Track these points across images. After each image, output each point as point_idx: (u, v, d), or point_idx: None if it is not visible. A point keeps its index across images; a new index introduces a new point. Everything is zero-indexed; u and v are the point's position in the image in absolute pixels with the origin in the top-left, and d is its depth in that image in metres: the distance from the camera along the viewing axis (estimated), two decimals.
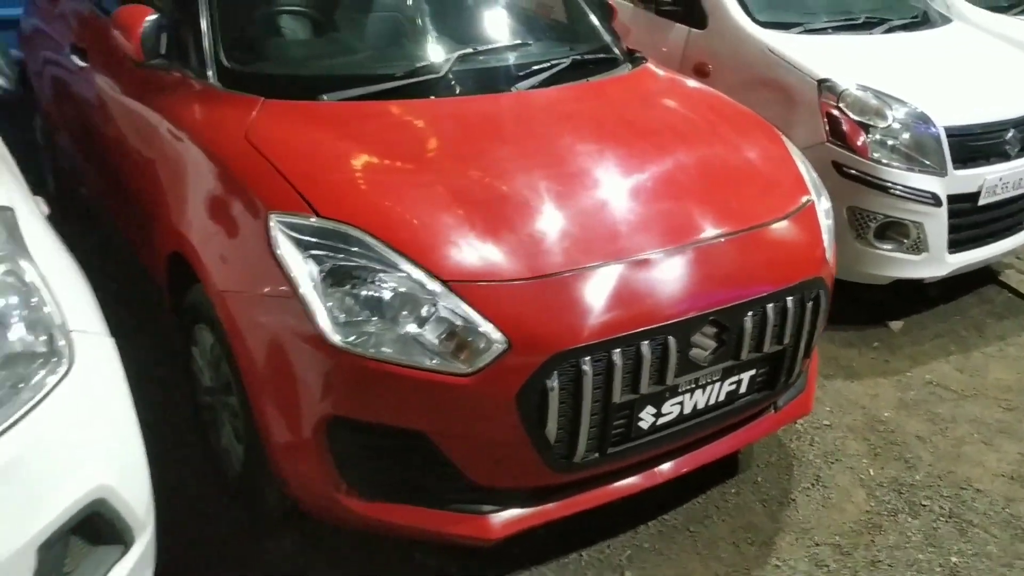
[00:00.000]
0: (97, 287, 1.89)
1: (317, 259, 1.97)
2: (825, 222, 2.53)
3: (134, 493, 1.73)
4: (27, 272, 1.70)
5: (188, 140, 2.44)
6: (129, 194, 2.92)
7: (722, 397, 2.27)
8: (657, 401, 2.13)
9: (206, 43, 2.53)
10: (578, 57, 2.91)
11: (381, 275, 1.97)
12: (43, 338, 1.65)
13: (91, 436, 1.67)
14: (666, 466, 2.31)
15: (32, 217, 1.90)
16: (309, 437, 2.02)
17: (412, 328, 1.95)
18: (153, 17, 2.56)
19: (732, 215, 2.31)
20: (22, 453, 1.53)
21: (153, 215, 2.60)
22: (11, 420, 1.53)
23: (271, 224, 2.01)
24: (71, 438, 1.63)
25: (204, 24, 2.55)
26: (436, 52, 2.72)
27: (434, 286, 1.95)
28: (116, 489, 1.67)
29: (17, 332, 1.63)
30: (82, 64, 3.20)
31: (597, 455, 2.11)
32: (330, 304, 1.95)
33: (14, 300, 1.65)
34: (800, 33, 3.92)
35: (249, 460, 2.29)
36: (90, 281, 1.89)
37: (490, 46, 2.82)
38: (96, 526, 1.68)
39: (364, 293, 1.97)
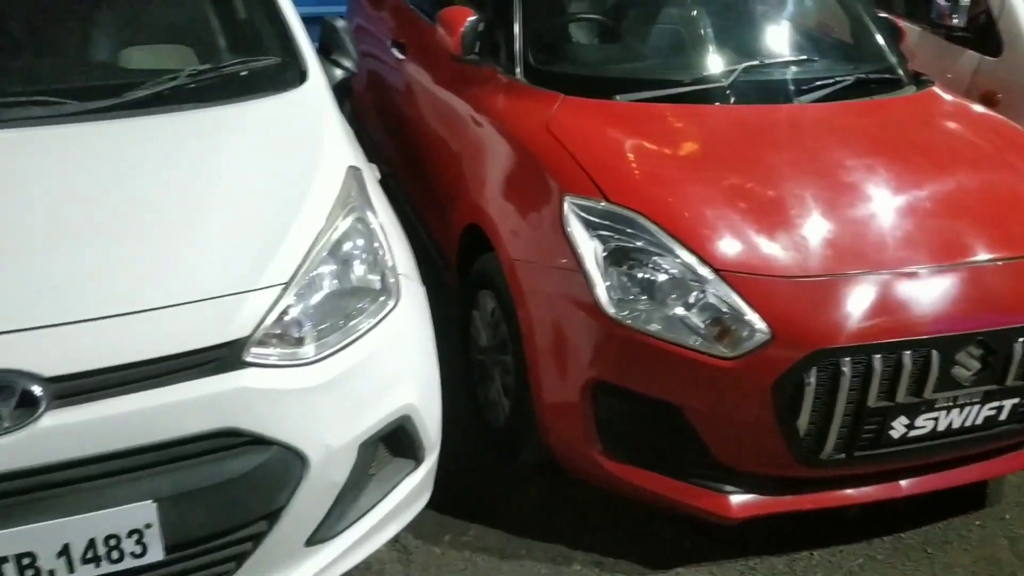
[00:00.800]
0: None
1: (602, 239, 2.20)
2: None
3: (430, 417, 2.04)
4: (371, 222, 2.05)
5: (492, 127, 2.76)
6: (429, 171, 3.31)
7: (979, 421, 2.26)
8: (911, 413, 2.17)
9: (517, 44, 2.84)
10: (862, 76, 2.96)
11: (657, 258, 2.16)
12: (378, 277, 1.99)
13: (405, 362, 1.99)
14: (910, 481, 2.34)
15: (370, 179, 2.26)
16: (575, 397, 2.25)
17: (680, 310, 2.14)
18: (473, 18, 2.92)
19: (1012, 240, 2.30)
20: (355, 366, 1.86)
21: (452, 190, 2.95)
22: (350, 340, 1.87)
23: (565, 205, 2.27)
24: (390, 361, 1.95)
25: (516, 27, 2.87)
26: (723, 62, 2.87)
27: (705, 273, 2.12)
28: (419, 409, 1.99)
29: (359, 270, 1.98)
30: (400, 56, 3.65)
31: (843, 456, 2.19)
32: (608, 280, 2.18)
33: (360, 243, 1.99)
34: None
35: (514, 414, 2.57)
36: None
37: (775, 60, 2.94)
38: (398, 439, 2.00)
39: (640, 274, 2.18)
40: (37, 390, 1.54)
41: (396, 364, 1.97)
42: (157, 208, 1.88)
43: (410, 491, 2.04)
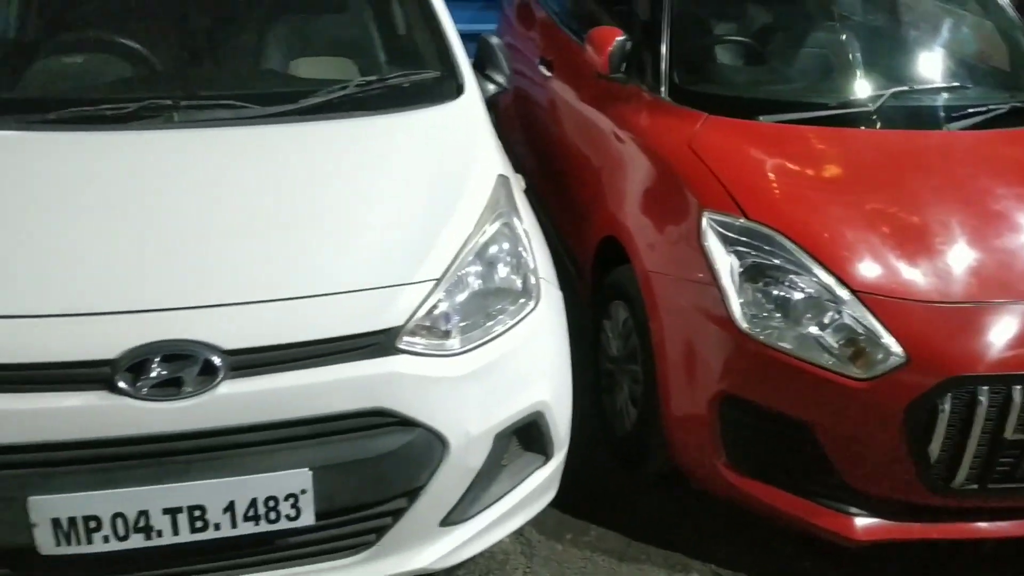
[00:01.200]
0: None
1: (739, 255, 2.26)
2: None
3: (561, 416, 2.14)
4: (517, 227, 2.17)
5: (634, 143, 2.85)
6: (568, 184, 3.42)
7: None
8: None
9: (663, 64, 2.92)
10: (1018, 104, 2.89)
11: (793, 277, 2.20)
12: (520, 280, 2.11)
13: (541, 361, 2.10)
14: None
15: (517, 188, 2.39)
16: (703, 409, 2.31)
17: (814, 329, 2.16)
18: (621, 38, 3.01)
19: None
20: (495, 361, 1.98)
21: (591, 203, 3.06)
22: (491, 336, 1.99)
23: (703, 220, 2.33)
24: (527, 359, 2.06)
25: (663, 47, 2.95)
26: (870, 87, 2.87)
27: (843, 293, 2.14)
28: (551, 407, 2.09)
29: (503, 272, 2.10)
30: (547, 74, 3.78)
31: (976, 487, 2.15)
32: (743, 296, 2.22)
33: (505, 247, 2.11)
34: None
35: (640, 422, 2.63)
36: None
37: (925, 85, 2.91)
38: (530, 434, 2.10)
39: (775, 291, 2.22)
40: (217, 360, 1.73)
41: (533, 362, 2.07)
42: (327, 204, 2.06)
43: (538, 485, 2.14)
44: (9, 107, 2.35)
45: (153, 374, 1.70)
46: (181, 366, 1.71)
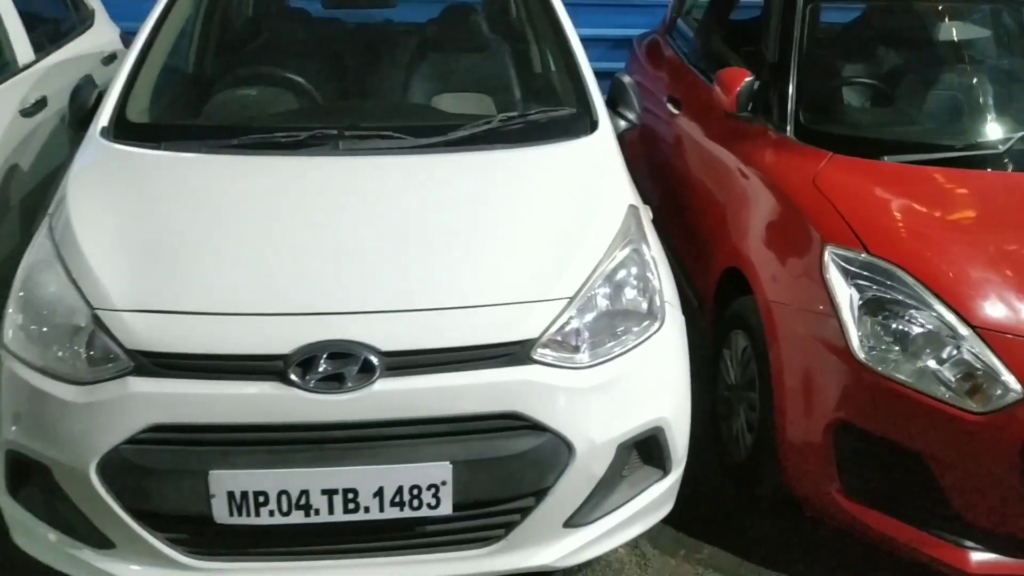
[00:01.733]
0: None
1: (859, 288, 2.34)
2: None
3: (680, 433, 2.26)
4: (645, 253, 2.33)
5: (759, 179, 2.96)
6: (691, 217, 3.55)
7: None
8: None
9: (789, 104, 3.03)
10: None
11: (913, 311, 2.27)
12: (646, 302, 2.26)
13: (663, 380, 2.24)
14: None
15: (645, 218, 2.54)
16: (818, 436, 2.39)
17: (932, 363, 2.23)
18: (749, 79, 3.14)
19: None
20: (621, 375, 2.14)
21: (713, 236, 3.18)
22: (617, 353, 2.15)
23: (825, 253, 2.43)
24: (650, 376, 2.21)
25: (790, 88, 3.06)
26: (998, 130, 2.91)
27: (963, 330, 2.20)
28: (671, 423, 2.22)
29: (630, 295, 2.25)
30: (674, 111, 3.93)
31: None
32: (862, 328, 2.31)
33: (634, 271, 2.27)
34: None
35: (756, 448, 2.72)
36: None
37: None
38: (649, 447, 2.23)
39: (894, 325, 2.29)
40: (375, 360, 1.95)
41: (655, 380, 2.22)
42: (473, 225, 2.27)
43: (655, 498, 2.26)
44: (196, 133, 2.67)
45: (320, 369, 1.93)
46: (344, 363, 1.94)
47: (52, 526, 2.09)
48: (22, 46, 3.60)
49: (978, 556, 2.25)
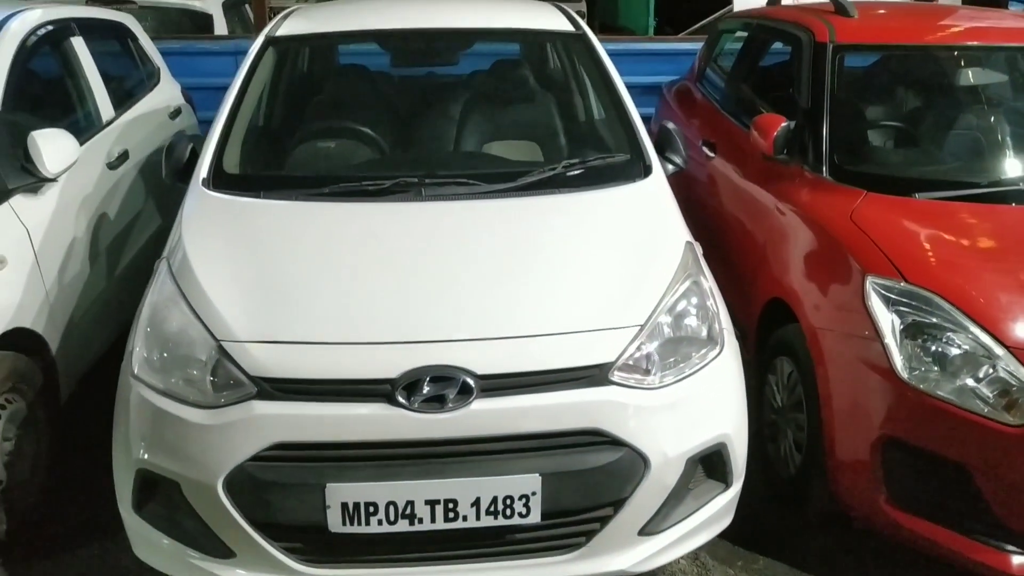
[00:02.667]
0: None
1: (900, 314, 2.57)
2: None
3: (740, 448, 2.47)
4: (704, 285, 2.56)
5: (797, 216, 3.20)
6: (729, 252, 3.78)
7: None
8: None
9: (824, 146, 3.29)
10: None
11: (950, 334, 2.49)
12: (706, 329, 2.49)
13: (724, 399, 2.46)
14: None
15: (699, 252, 2.77)
16: (866, 451, 2.60)
17: (970, 381, 2.44)
18: (784, 124, 3.40)
19: None
20: (687, 396, 2.36)
21: (755, 270, 3.41)
22: (684, 375, 2.37)
23: (867, 283, 2.65)
24: (713, 396, 2.43)
25: (824, 131, 3.31)
26: (1019, 167, 3.15)
27: (998, 349, 2.41)
28: (733, 439, 2.43)
29: (693, 322, 2.48)
30: (710, 154, 4.19)
31: None
32: (904, 350, 2.53)
33: (695, 301, 2.50)
34: None
35: (804, 467, 2.92)
36: None
37: None
38: (713, 462, 2.44)
39: (933, 347, 2.51)
40: (472, 382, 2.17)
41: (717, 399, 2.43)
42: (550, 261, 2.51)
43: (717, 510, 2.46)
44: (291, 183, 2.94)
45: (424, 391, 2.16)
46: (444, 386, 2.17)
47: (174, 538, 2.30)
48: (104, 104, 3.89)
49: (1019, 559, 2.44)
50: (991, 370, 2.43)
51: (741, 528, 2.72)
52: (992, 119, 3.50)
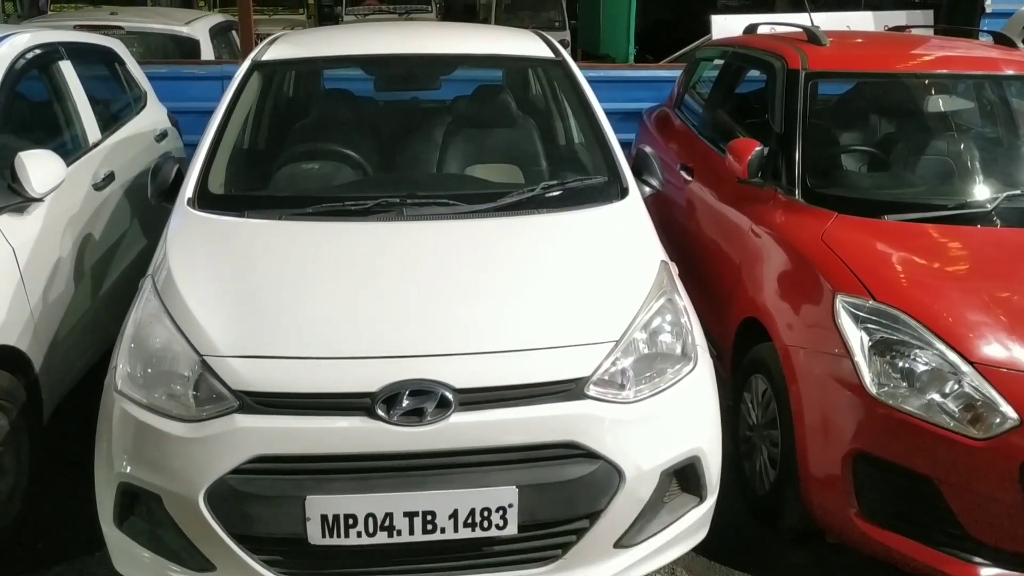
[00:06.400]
0: None
1: (868, 331, 2.64)
2: None
3: (714, 462, 2.52)
4: (678, 303, 2.62)
5: (770, 237, 3.28)
6: (706, 275, 3.85)
7: None
8: None
9: (797, 170, 3.37)
10: None
11: (917, 351, 2.56)
12: (680, 345, 2.55)
13: (697, 414, 2.51)
14: None
15: (674, 272, 2.84)
16: (837, 465, 2.65)
17: (936, 396, 2.51)
18: (758, 148, 3.48)
19: None
20: (661, 410, 2.41)
21: (730, 290, 3.48)
22: (658, 390, 2.43)
23: (837, 301, 2.72)
24: (687, 411, 2.48)
25: (797, 155, 3.41)
26: (985, 191, 3.24)
27: (963, 366, 2.48)
28: (706, 453, 2.48)
29: (666, 339, 2.54)
30: (687, 178, 4.27)
31: None
32: (873, 366, 2.59)
33: (668, 318, 2.56)
34: None
35: (778, 483, 2.98)
36: None
37: None
38: (687, 476, 2.49)
39: (901, 363, 2.57)
40: (450, 396, 2.22)
41: (691, 414, 2.49)
42: (527, 279, 2.57)
43: (692, 523, 2.51)
44: (274, 203, 3.00)
45: (403, 405, 2.21)
46: (423, 400, 2.22)
47: (155, 552, 2.33)
48: (91, 126, 3.94)
49: (987, 572, 2.49)
50: (956, 385, 2.49)
51: (718, 543, 2.77)
52: (959, 144, 3.61)
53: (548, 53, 3.74)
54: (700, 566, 2.90)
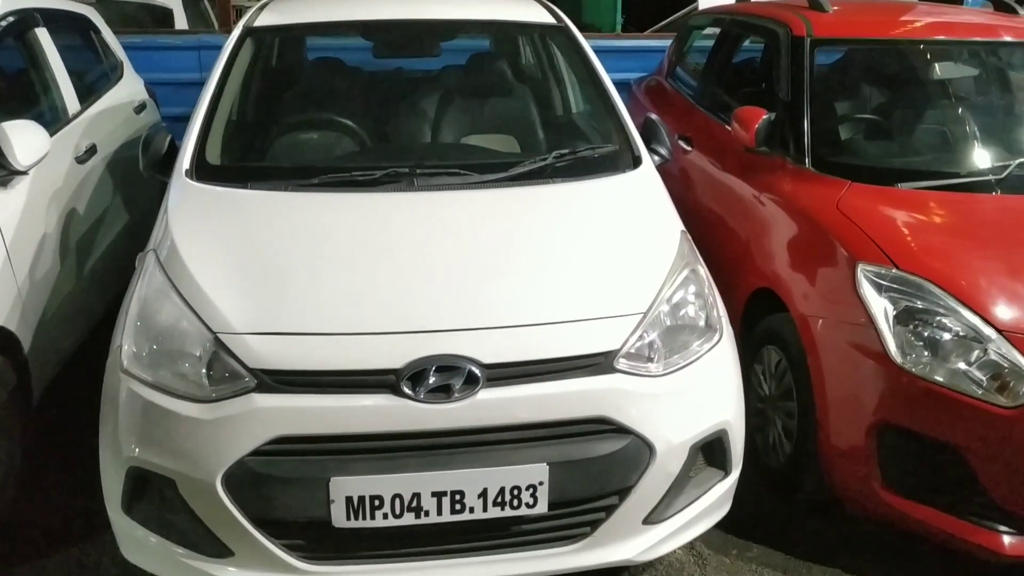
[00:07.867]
0: None
1: (892, 300, 2.59)
2: None
3: (739, 435, 2.48)
4: (701, 273, 2.56)
5: (780, 207, 3.23)
6: (711, 246, 3.78)
7: None
8: None
9: (806, 138, 3.32)
10: None
11: (942, 319, 2.52)
12: (706, 316, 2.49)
13: (724, 386, 2.46)
14: None
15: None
16: (861, 436, 2.62)
17: (962, 365, 2.48)
18: (766, 116, 3.42)
19: None
20: (687, 383, 2.35)
21: (738, 261, 3.42)
22: (686, 362, 2.37)
23: (858, 271, 2.68)
24: (713, 383, 2.43)
25: (806, 124, 3.35)
26: (999, 157, 3.22)
27: (989, 332, 2.45)
28: (732, 426, 2.43)
29: (690, 311, 2.48)
30: (687, 148, 4.20)
31: None
32: (897, 336, 2.55)
33: (692, 289, 2.50)
34: None
35: (795, 455, 2.94)
36: None
37: None
38: (713, 449, 2.44)
39: (926, 332, 2.54)
40: (478, 372, 2.14)
41: (718, 386, 2.44)
42: (549, 250, 2.49)
43: (717, 498, 2.46)
44: (278, 173, 2.87)
45: (430, 381, 2.12)
46: (450, 376, 2.13)
47: (166, 538, 2.23)
48: (71, 97, 3.77)
49: (1011, 539, 2.48)
50: (983, 353, 2.46)
51: (735, 517, 2.72)
52: (969, 111, 3.57)
53: (550, 19, 3.64)
54: (718, 540, 2.86)
